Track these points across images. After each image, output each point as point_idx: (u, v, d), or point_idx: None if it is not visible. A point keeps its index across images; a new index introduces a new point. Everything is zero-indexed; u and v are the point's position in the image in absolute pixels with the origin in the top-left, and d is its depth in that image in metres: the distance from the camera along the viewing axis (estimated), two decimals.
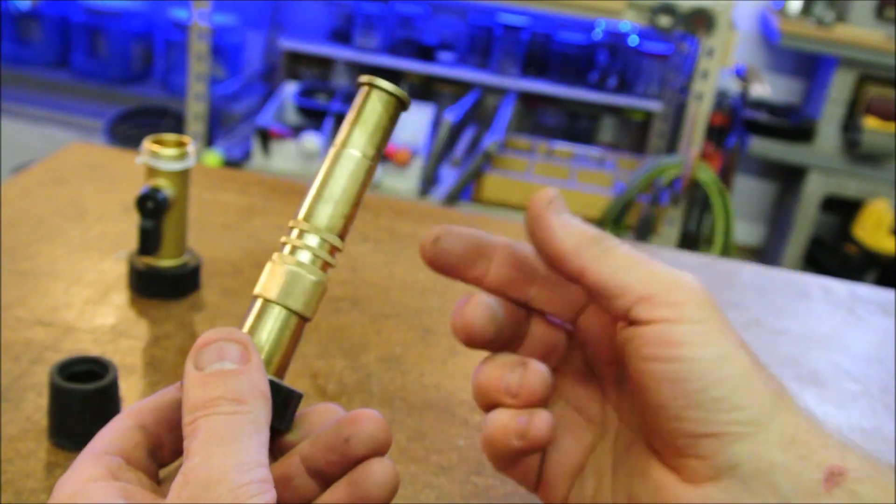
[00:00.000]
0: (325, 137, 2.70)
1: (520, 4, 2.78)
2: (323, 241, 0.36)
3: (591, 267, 0.35)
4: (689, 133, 2.60)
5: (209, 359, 0.32)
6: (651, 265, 0.35)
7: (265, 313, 0.35)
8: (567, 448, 0.40)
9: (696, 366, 0.33)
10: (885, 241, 3.05)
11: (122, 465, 0.33)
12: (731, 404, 0.33)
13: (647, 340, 0.34)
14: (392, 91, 0.36)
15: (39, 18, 3.29)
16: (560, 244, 0.36)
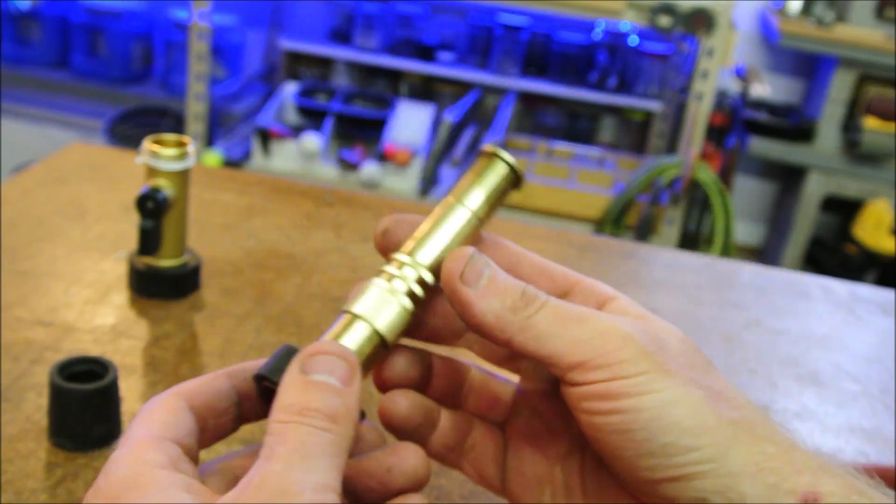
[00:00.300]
0: (325, 137, 2.70)
1: (520, 4, 2.78)
2: (421, 277, 0.37)
3: (516, 339, 0.34)
4: (689, 133, 2.60)
5: (317, 368, 0.32)
6: (580, 324, 0.34)
7: (350, 328, 0.36)
8: (528, 457, 0.40)
9: (640, 415, 0.33)
10: (885, 241, 3.05)
11: (180, 455, 0.32)
12: (683, 447, 0.32)
13: (585, 397, 0.33)
14: (514, 167, 0.39)
15: (39, 18, 3.29)
16: (481, 319, 0.35)
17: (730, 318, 0.80)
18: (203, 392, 0.34)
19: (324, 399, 0.31)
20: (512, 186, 0.39)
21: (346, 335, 0.36)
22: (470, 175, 0.39)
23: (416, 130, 2.82)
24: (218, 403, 0.35)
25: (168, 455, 0.31)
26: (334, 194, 0.94)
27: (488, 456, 0.40)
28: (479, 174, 0.39)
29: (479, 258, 0.36)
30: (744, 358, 0.73)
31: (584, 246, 0.91)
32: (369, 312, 0.36)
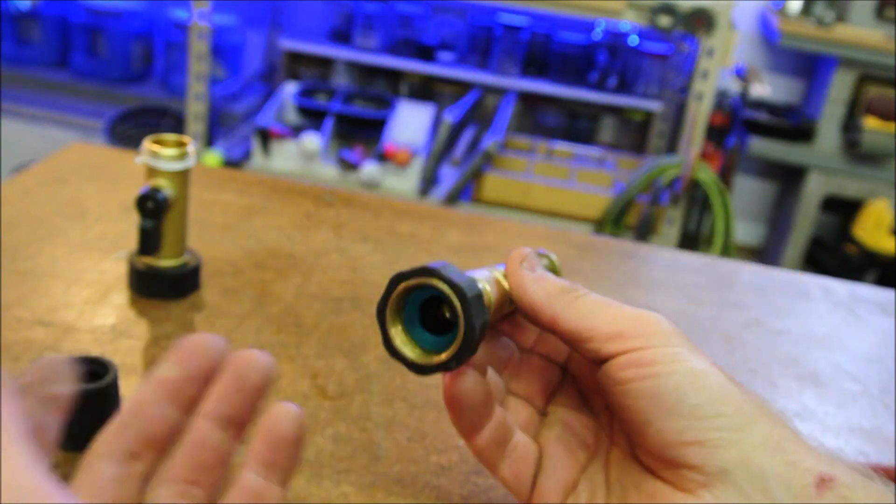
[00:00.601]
0: (325, 137, 2.70)
1: (520, 4, 2.78)
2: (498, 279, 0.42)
3: (562, 315, 0.39)
4: (689, 133, 2.60)
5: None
6: (618, 307, 0.38)
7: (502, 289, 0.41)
8: (562, 464, 0.41)
9: (671, 379, 0.35)
10: (885, 241, 3.05)
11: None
12: (711, 411, 0.34)
13: (620, 367, 0.36)
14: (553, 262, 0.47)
15: (39, 18, 3.29)
16: (533, 296, 0.39)
17: (730, 318, 0.80)
18: None
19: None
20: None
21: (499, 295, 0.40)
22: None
23: (416, 130, 2.82)
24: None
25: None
26: (334, 194, 0.94)
27: (528, 460, 0.42)
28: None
29: (534, 256, 0.42)
30: (744, 358, 0.73)
31: (584, 246, 0.91)
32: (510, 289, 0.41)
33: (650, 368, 0.35)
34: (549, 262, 0.46)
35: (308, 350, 0.65)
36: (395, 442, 0.57)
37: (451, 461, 0.55)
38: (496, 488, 0.54)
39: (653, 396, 0.35)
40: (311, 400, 0.60)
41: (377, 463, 0.54)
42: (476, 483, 0.54)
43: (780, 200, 3.61)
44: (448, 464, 0.55)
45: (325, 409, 0.59)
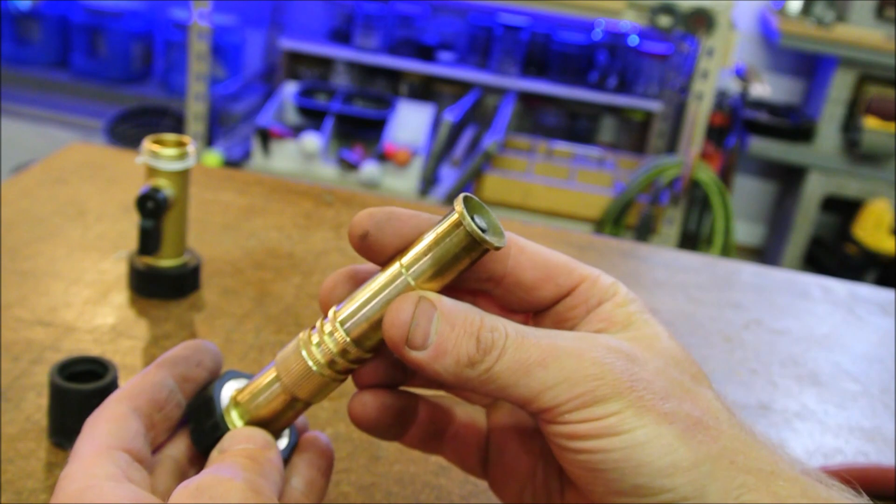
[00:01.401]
0: (325, 137, 2.70)
1: (520, 4, 2.78)
2: (345, 350, 0.35)
3: (480, 390, 0.33)
4: (689, 133, 2.60)
5: (234, 443, 0.36)
6: (544, 370, 0.32)
7: (272, 389, 0.37)
8: (510, 451, 0.40)
9: (610, 456, 0.31)
10: (885, 241, 3.05)
11: (130, 463, 0.33)
12: (656, 488, 0.31)
13: (557, 435, 0.32)
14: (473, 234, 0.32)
15: (39, 18, 3.29)
16: (441, 379, 0.33)
17: (730, 318, 0.80)
18: (143, 389, 0.36)
19: (243, 450, 0.35)
20: (479, 256, 0.32)
21: (267, 394, 0.37)
22: (429, 236, 0.33)
23: (415, 130, 2.82)
24: (158, 395, 0.36)
25: (117, 465, 0.32)
26: (334, 194, 0.94)
27: (471, 445, 0.40)
28: (436, 239, 0.33)
29: (422, 316, 0.33)
30: (744, 358, 0.73)
31: (584, 246, 0.91)
32: (292, 381, 0.36)
33: (586, 443, 0.32)
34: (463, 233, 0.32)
35: None
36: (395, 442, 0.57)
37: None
38: None
39: (593, 472, 0.32)
40: None
41: (377, 463, 0.54)
42: (476, 483, 0.54)
43: (780, 200, 3.61)
44: (448, 464, 0.55)
45: (325, 409, 0.59)
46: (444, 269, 0.33)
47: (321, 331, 0.35)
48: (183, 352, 0.37)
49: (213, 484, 0.30)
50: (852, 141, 3.12)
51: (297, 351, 0.36)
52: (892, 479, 0.57)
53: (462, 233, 0.32)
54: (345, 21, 3.26)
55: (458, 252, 0.32)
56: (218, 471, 0.32)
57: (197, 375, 0.37)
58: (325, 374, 0.35)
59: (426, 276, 0.33)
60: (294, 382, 0.36)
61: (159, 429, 0.36)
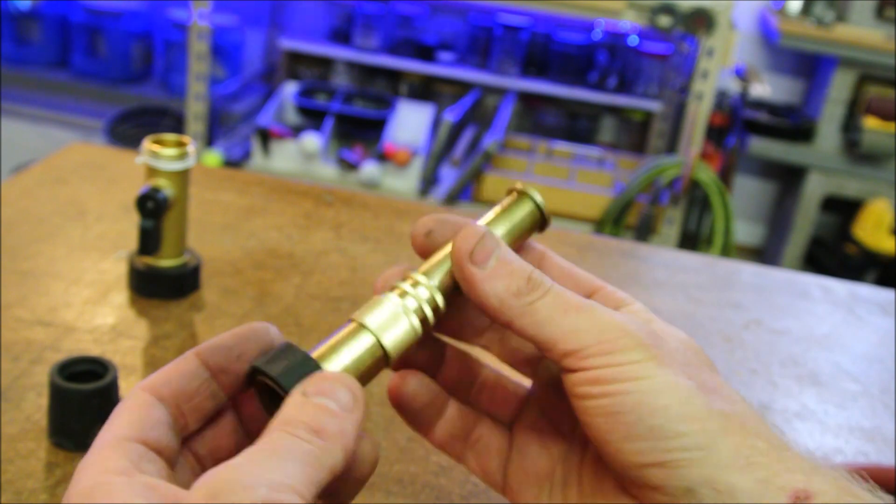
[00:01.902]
0: (324, 137, 2.70)
1: (520, 4, 2.78)
2: (433, 297, 0.37)
3: (516, 322, 0.35)
4: (689, 133, 2.60)
5: (318, 391, 0.32)
6: (579, 314, 0.35)
7: (355, 337, 0.36)
8: (533, 455, 0.40)
9: (629, 398, 0.33)
10: (885, 241, 3.05)
11: (143, 454, 0.31)
12: (670, 432, 0.32)
13: (578, 382, 0.34)
14: (542, 208, 0.40)
15: (39, 18, 3.29)
16: (483, 299, 0.36)
17: (730, 318, 0.80)
18: (170, 378, 0.34)
19: (315, 415, 0.31)
20: (537, 227, 0.41)
21: (351, 344, 0.35)
22: (498, 208, 0.40)
23: (415, 130, 2.82)
24: (188, 385, 0.34)
25: (129, 458, 0.31)
26: (334, 194, 0.94)
27: (493, 450, 0.41)
28: (506, 208, 0.40)
29: (491, 238, 0.36)
30: (744, 358, 0.73)
31: (584, 246, 0.91)
32: (378, 326, 0.36)
33: (606, 387, 0.33)
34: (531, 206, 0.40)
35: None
36: (395, 442, 0.57)
37: (451, 461, 0.55)
38: None
39: (610, 416, 0.33)
40: None
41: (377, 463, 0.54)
42: (476, 483, 0.54)
43: (780, 200, 3.61)
44: (448, 464, 0.55)
45: None
46: (512, 232, 0.40)
47: (409, 284, 0.37)
48: (225, 340, 0.35)
49: (227, 489, 0.28)
50: (852, 141, 3.12)
51: (390, 304, 0.37)
52: (892, 479, 0.57)
53: (530, 203, 0.40)
54: (345, 21, 3.26)
55: (525, 217, 0.40)
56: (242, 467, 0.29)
57: (237, 369, 0.35)
58: (415, 325, 0.36)
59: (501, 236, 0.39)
60: (382, 327, 0.36)
61: (189, 420, 0.34)
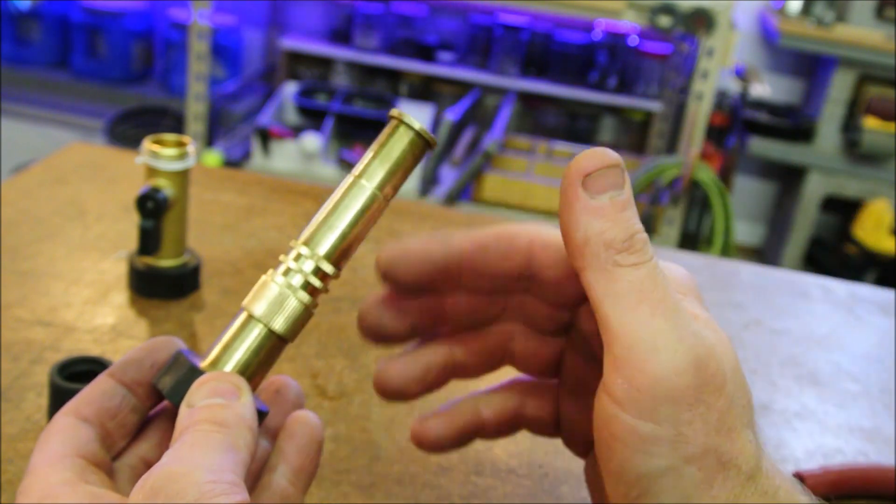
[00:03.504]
0: (325, 137, 2.70)
1: (520, 4, 2.78)
2: (318, 268, 0.36)
3: (586, 275, 0.32)
4: (689, 133, 2.60)
5: (201, 396, 0.33)
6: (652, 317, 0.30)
7: (247, 328, 0.36)
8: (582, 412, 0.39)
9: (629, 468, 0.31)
10: (885, 241, 3.05)
11: (85, 467, 0.33)
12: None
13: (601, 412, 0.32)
14: (419, 131, 0.35)
15: (39, 18, 3.29)
16: (573, 230, 0.31)
17: (730, 318, 0.80)
18: (90, 399, 0.35)
19: (209, 414, 0.32)
20: (421, 152, 0.36)
21: (243, 338, 0.35)
22: (373, 146, 0.36)
23: None
24: (108, 403, 0.35)
25: (73, 470, 0.32)
26: None
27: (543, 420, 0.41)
28: (381, 144, 0.36)
29: (618, 174, 0.31)
30: (744, 358, 0.73)
31: None
32: (266, 313, 0.35)
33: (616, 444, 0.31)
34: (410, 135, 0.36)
35: (308, 350, 0.65)
36: (395, 442, 0.57)
37: (451, 461, 0.55)
38: (496, 488, 0.54)
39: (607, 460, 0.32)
40: (311, 400, 0.60)
41: (377, 463, 0.54)
42: (476, 483, 0.54)
43: (780, 200, 3.61)
44: (448, 464, 0.55)
45: (325, 409, 0.59)
46: (395, 168, 0.36)
47: (293, 259, 0.36)
48: (134, 355, 0.36)
49: (167, 482, 0.29)
50: (852, 141, 3.12)
51: (265, 281, 0.36)
52: (892, 479, 0.57)
53: (403, 129, 0.35)
54: (345, 21, 3.26)
55: (404, 148, 0.35)
56: (175, 461, 0.30)
57: (151, 378, 0.36)
58: (304, 300, 0.35)
59: (378, 177, 0.36)
60: (268, 313, 0.35)
61: (115, 436, 0.35)
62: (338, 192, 0.36)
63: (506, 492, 0.54)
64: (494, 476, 0.55)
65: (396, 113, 0.36)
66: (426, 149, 0.36)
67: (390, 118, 0.36)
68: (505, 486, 0.54)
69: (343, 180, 0.36)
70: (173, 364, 0.35)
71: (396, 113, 0.36)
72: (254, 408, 0.33)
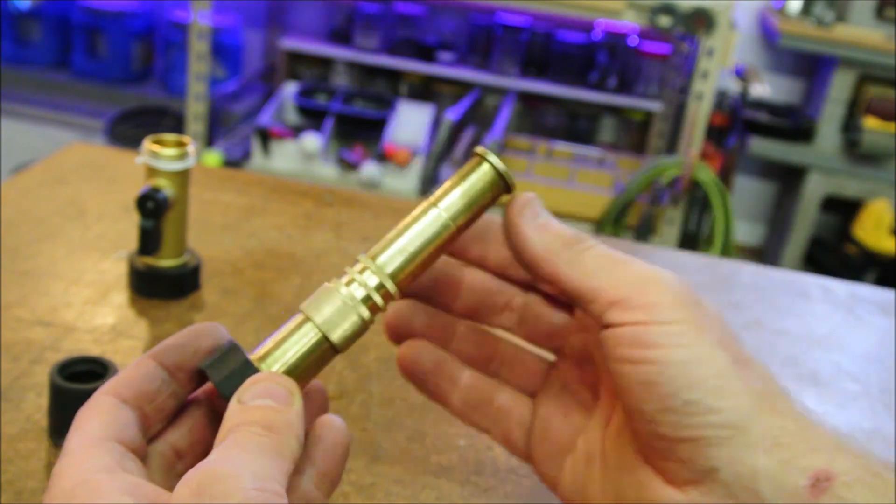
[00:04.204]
0: (324, 137, 2.70)
1: (520, 4, 2.78)
2: (381, 284, 0.36)
3: (563, 271, 0.35)
4: (689, 133, 2.60)
5: (254, 395, 0.33)
6: (625, 266, 0.35)
7: (301, 330, 0.35)
8: (555, 425, 0.40)
9: (668, 369, 0.33)
10: (885, 241, 3.05)
11: (124, 454, 0.32)
12: (706, 407, 0.33)
13: (619, 342, 0.34)
14: (503, 172, 0.37)
15: (39, 18, 3.29)
16: (532, 249, 0.36)
17: (730, 318, 0.79)
18: (130, 381, 0.34)
19: (260, 415, 0.32)
20: (500, 193, 0.38)
21: (297, 340, 0.35)
22: (455, 177, 0.37)
23: (415, 130, 2.82)
24: (148, 386, 0.34)
25: (112, 456, 0.31)
26: (334, 194, 0.94)
27: (515, 419, 0.41)
28: (462, 177, 0.37)
29: (539, 202, 0.37)
30: None
31: None
32: (325, 320, 0.35)
33: (648, 352, 0.33)
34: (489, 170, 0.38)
35: None
36: (395, 442, 0.57)
37: (451, 461, 0.55)
38: (496, 488, 0.54)
39: (647, 385, 0.33)
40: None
41: (377, 463, 0.54)
42: (476, 483, 0.54)
43: (780, 200, 3.61)
44: (448, 464, 0.55)
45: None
46: (473, 203, 0.37)
47: (358, 271, 0.36)
48: (178, 340, 0.36)
49: (214, 482, 0.29)
50: (852, 141, 3.12)
51: (328, 288, 0.36)
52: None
53: (487, 168, 0.37)
54: (345, 21, 3.26)
55: (485, 186, 0.37)
56: (223, 462, 0.30)
57: (194, 364, 0.35)
58: (363, 315, 0.35)
59: (456, 208, 0.37)
60: (327, 320, 0.35)
61: (153, 420, 0.35)
62: (414, 213, 0.37)
63: (506, 492, 0.54)
64: (494, 476, 0.55)
65: (481, 150, 0.37)
66: (504, 191, 0.37)
67: (474, 155, 0.37)
68: (505, 486, 0.54)
69: (420, 205, 0.37)
70: (226, 354, 0.35)
71: (481, 150, 0.37)
72: (303, 417, 0.33)
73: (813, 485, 0.31)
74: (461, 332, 0.42)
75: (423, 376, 0.41)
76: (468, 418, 0.42)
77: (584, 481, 0.39)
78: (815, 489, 0.31)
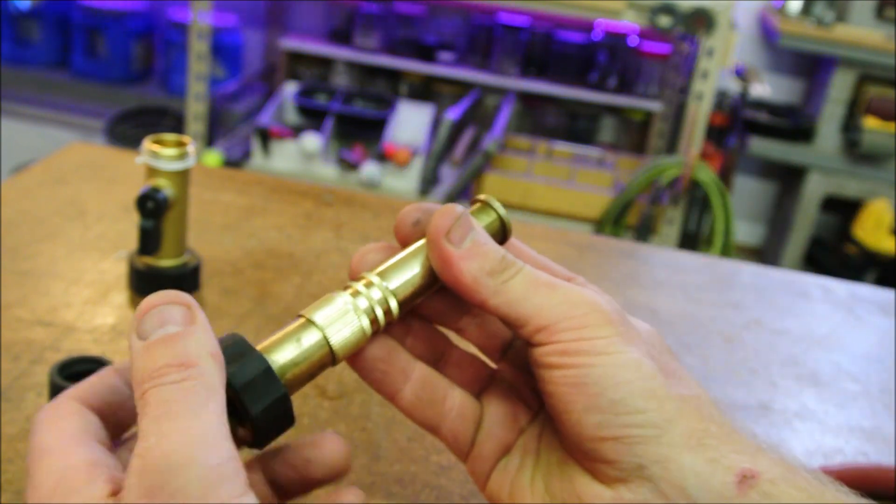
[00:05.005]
0: (324, 137, 2.70)
1: (520, 4, 2.78)
2: (384, 298, 0.36)
3: (490, 301, 0.36)
4: (689, 133, 2.60)
5: (152, 325, 0.31)
6: (553, 290, 0.36)
7: (301, 331, 0.35)
8: (501, 425, 0.40)
9: (594, 370, 0.34)
10: (885, 241, 3.05)
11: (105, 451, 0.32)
12: (630, 407, 0.33)
13: (547, 352, 0.35)
14: (502, 217, 0.39)
15: (39, 18, 3.29)
16: (459, 278, 0.36)
17: (730, 318, 0.80)
18: (95, 390, 0.34)
19: (169, 350, 0.30)
20: (498, 237, 0.39)
21: (297, 338, 0.35)
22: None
23: (415, 130, 2.82)
24: (112, 398, 0.34)
25: (94, 452, 0.31)
26: (334, 194, 0.94)
27: (465, 420, 0.41)
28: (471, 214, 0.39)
29: (467, 220, 0.37)
30: (744, 358, 0.73)
31: (584, 246, 0.91)
32: (326, 323, 0.35)
33: (573, 358, 0.34)
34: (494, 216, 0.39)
35: None
36: (395, 442, 0.57)
37: (451, 461, 0.55)
38: None
39: (574, 386, 0.34)
40: (311, 400, 0.60)
41: (377, 463, 0.54)
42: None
43: (780, 200, 3.61)
44: (448, 464, 0.55)
45: (325, 409, 0.59)
46: None
47: (363, 284, 0.37)
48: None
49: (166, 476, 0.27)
50: (852, 141, 3.12)
51: (331, 297, 0.36)
52: (892, 479, 0.57)
53: (489, 210, 0.39)
54: (345, 21, 3.26)
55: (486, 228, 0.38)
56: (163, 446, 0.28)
57: None
58: (364, 327, 0.36)
59: None
60: (330, 325, 0.35)
61: (122, 425, 0.34)
62: (420, 244, 0.38)
63: None
64: None
65: (484, 198, 0.39)
66: (503, 235, 0.39)
67: (477, 200, 0.39)
68: None
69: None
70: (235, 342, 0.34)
71: (484, 198, 0.39)
72: (210, 330, 0.31)
73: (740, 481, 0.32)
74: (415, 329, 0.41)
75: (373, 363, 0.39)
76: (418, 414, 0.40)
77: (512, 480, 0.39)
78: (742, 486, 0.32)
